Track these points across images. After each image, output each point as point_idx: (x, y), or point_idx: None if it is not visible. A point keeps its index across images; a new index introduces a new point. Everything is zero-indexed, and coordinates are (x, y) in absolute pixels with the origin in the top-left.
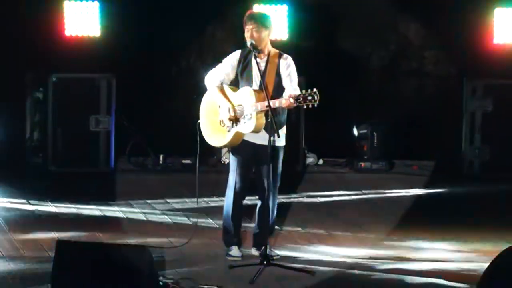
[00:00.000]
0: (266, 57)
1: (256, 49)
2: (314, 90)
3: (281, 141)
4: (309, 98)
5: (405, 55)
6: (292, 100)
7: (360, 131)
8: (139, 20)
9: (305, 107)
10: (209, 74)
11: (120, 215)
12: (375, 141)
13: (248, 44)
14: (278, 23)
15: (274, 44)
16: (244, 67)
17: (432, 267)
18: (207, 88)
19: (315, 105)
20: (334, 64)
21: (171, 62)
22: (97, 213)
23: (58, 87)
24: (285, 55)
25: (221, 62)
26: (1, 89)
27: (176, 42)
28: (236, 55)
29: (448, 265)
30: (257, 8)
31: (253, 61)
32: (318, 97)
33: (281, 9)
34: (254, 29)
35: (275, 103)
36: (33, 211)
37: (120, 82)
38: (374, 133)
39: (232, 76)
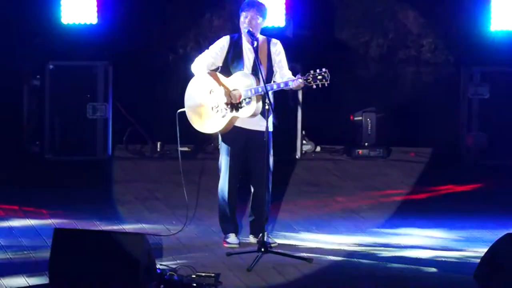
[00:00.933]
0: (256, 43)
1: (254, 36)
2: (324, 69)
3: (271, 127)
4: (319, 77)
5: (403, 43)
6: (300, 80)
7: (355, 118)
8: (136, 8)
9: (314, 87)
10: (197, 60)
11: (118, 202)
12: (369, 128)
13: (245, 31)
14: (276, 10)
15: (271, 31)
16: (235, 53)
17: (430, 255)
18: (196, 74)
19: (326, 85)
20: (332, 52)
21: (168, 50)
22: (95, 200)
23: (55, 74)
24: (274, 40)
25: (208, 49)
26: None
27: (173, 29)
28: (225, 41)
29: (446, 253)
30: None
31: (244, 47)
32: (329, 75)
33: None
34: (252, 17)
35: (280, 85)
36: (31, 199)
37: (117, 70)
38: (368, 119)
39: (218, 63)
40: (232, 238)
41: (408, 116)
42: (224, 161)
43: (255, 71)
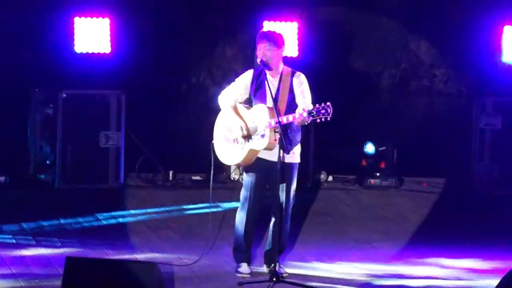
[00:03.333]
0: (279, 76)
1: (267, 65)
2: (327, 103)
3: (295, 158)
4: (322, 111)
5: (415, 73)
6: (305, 114)
7: (380, 148)
8: (149, 37)
9: (318, 121)
10: (223, 93)
11: (130, 231)
12: (395, 157)
13: (258, 61)
14: (289, 40)
15: (284, 61)
16: (257, 86)
17: (442, 286)
18: (221, 107)
19: (328, 119)
20: (345, 82)
21: (181, 79)
22: (107, 229)
23: (68, 103)
24: (298, 73)
25: (233, 81)
26: (11, 105)
27: (186, 59)
28: (249, 74)
29: (458, 282)
30: (267, 25)
31: (266, 79)
32: (331, 110)
33: (292, 26)
34: (266, 48)
35: (287, 118)
36: (42, 228)
37: (130, 99)
38: (395, 149)
39: (245, 95)
40: (244, 268)
41: (420, 146)
42: (244, 192)
43: (276, 103)
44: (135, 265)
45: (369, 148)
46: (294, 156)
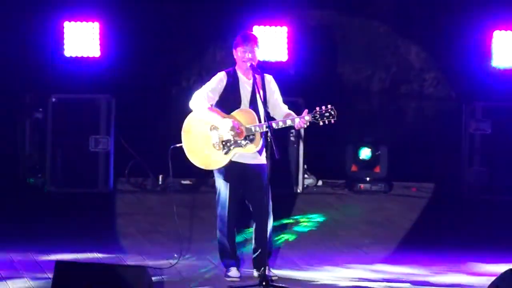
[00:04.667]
0: (252, 78)
1: (256, 70)
2: (330, 106)
3: (265, 159)
4: (327, 114)
5: (405, 77)
6: (307, 118)
7: (376, 153)
8: (139, 41)
9: (321, 124)
10: (195, 96)
11: (119, 235)
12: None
13: (248, 65)
14: (278, 45)
15: (273, 65)
16: (232, 88)
17: None
18: (196, 110)
19: (333, 122)
20: (334, 86)
21: (171, 83)
22: (97, 233)
23: (57, 107)
24: (268, 77)
25: (204, 84)
26: (1, 109)
27: (176, 63)
28: (222, 76)
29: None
30: (257, 29)
31: (241, 81)
32: (336, 112)
33: (281, 30)
34: (250, 50)
35: (284, 122)
36: (32, 232)
37: (120, 103)
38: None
39: (216, 98)
40: (233, 272)
41: (409, 151)
42: (222, 196)
43: (253, 106)
44: (125, 269)
45: (365, 153)
46: (264, 157)
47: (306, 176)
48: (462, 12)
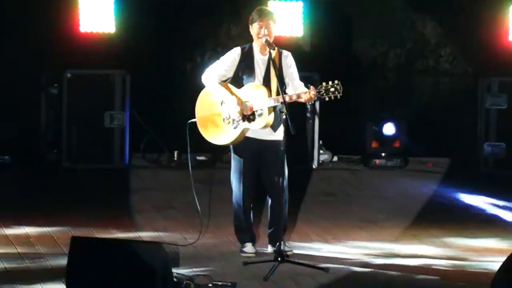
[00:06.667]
0: (267, 55)
1: (272, 45)
2: (337, 81)
3: (281, 135)
4: (332, 90)
5: (421, 53)
6: (313, 93)
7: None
8: (154, 16)
9: (327, 99)
10: (208, 71)
11: (135, 211)
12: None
13: (263, 41)
14: (293, 20)
15: (289, 40)
16: (246, 65)
17: (447, 265)
18: (207, 85)
19: (338, 97)
20: (350, 62)
21: (186, 58)
22: (112, 208)
23: (72, 83)
24: (285, 53)
25: (218, 59)
26: (16, 85)
27: (191, 38)
28: (236, 53)
29: (464, 263)
30: (272, 4)
31: (256, 58)
32: (341, 88)
33: (297, 5)
34: (267, 26)
35: (290, 97)
36: (47, 207)
37: (135, 79)
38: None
39: (229, 74)
40: (248, 248)
41: (425, 126)
42: (237, 173)
43: (266, 82)
44: (140, 244)
45: (388, 128)
46: (281, 132)
47: (321, 152)
48: None
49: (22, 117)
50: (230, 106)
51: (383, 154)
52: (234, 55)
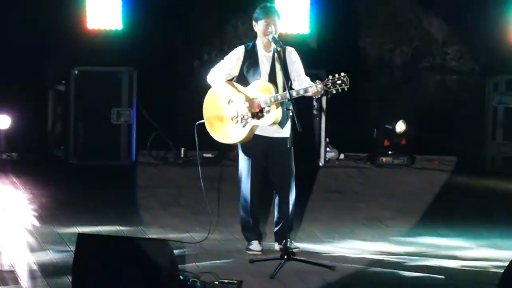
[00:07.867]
0: (272, 52)
1: (279, 43)
2: (343, 74)
3: (288, 132)
4: (339, 82)
5: (428, 51)
6: (320, 86)
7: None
8: (161, 13)
9: (334, 92)
10: (213, 71)
11: (141, 208)
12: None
13: (270, 38)
14: (300, 17)
15: (295, 38)
16: (251, 62)
17: (453, 264)
18: (213, 85)
19: (346, 89)
20: (356, 59)
21: (193, 56)
22: (118, 206)
23: (80, 80)
24: (289, 48)
25: (223, 59)
26: (24, 81)
27: (198, 36)
28: (240, 51)
29: (470, 262)
30: (278, 1)
31: (260, 55)
32: (348, 80)
33: (303, 2)
34: (273, 23)
35: (298, 92)
36: (54, 204)
37: (142, 75)
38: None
39: (234, 73)
40: (255, 245)
41: (432, 124)
42: (244, 170)
43: (272, 79)
44: (146, 242)
45: (400, 126)
46: (287, 129)
47: (328, 149)
48: None
49: (29, 113)
50: (238, 104)
51: (389, 152)
52: (238, 53)
